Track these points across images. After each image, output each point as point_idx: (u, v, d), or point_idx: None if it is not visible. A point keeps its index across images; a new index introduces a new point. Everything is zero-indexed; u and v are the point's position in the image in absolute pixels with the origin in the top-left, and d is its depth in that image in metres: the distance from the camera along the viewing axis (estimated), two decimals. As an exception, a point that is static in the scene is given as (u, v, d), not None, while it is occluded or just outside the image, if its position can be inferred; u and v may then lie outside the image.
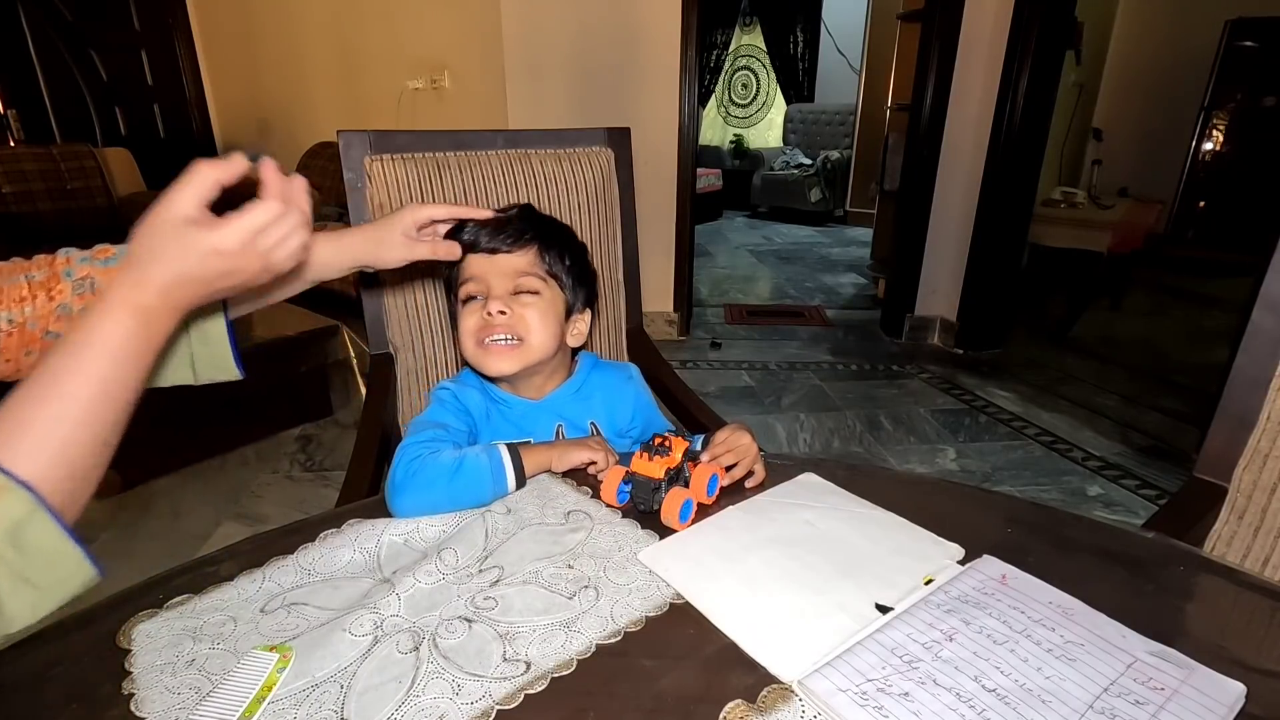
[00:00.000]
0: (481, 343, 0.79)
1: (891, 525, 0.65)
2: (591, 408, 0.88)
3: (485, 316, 0.78)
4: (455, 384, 0.85)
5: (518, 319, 0.79)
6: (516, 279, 0.79)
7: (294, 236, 0.54)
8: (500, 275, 0.79)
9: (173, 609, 0.55)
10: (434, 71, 3.09)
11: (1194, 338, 3.27)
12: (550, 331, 0.81)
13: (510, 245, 0.80)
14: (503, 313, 0.78)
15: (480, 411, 0.84)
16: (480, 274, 0.80)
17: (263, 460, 2.13)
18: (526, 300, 0.80)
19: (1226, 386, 0.80)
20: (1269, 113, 4.01)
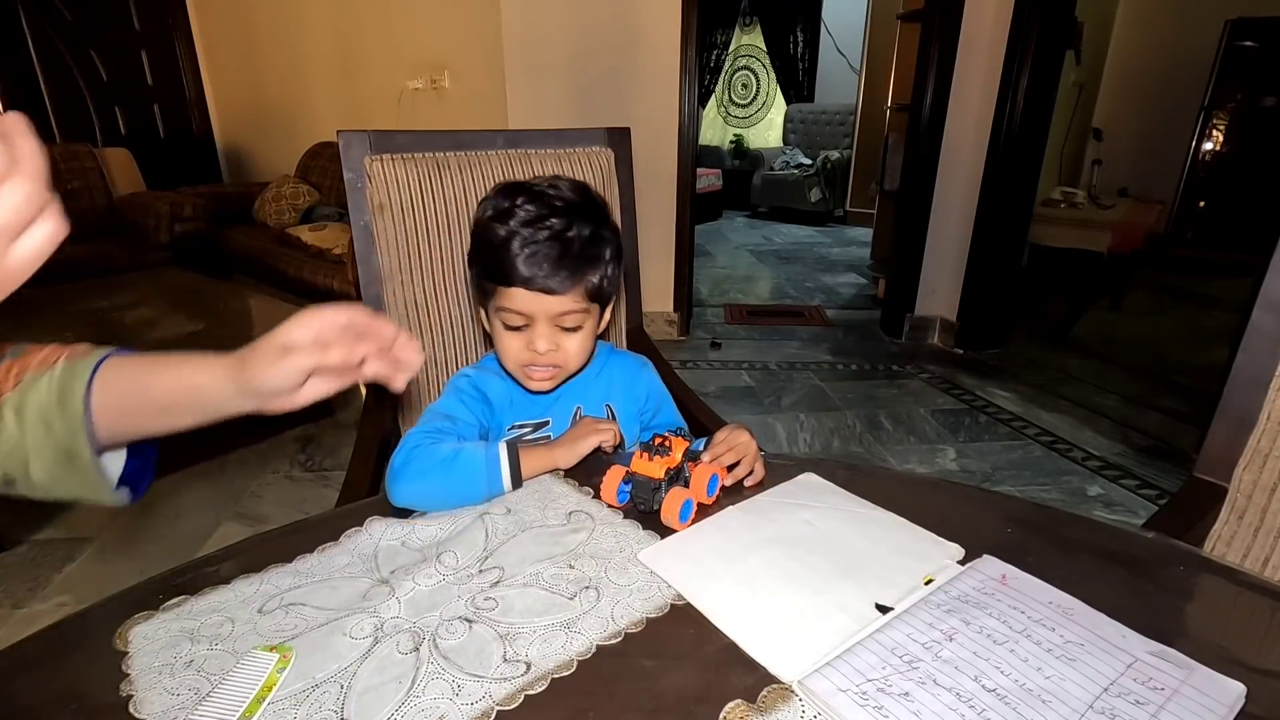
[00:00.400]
0: (523, 369, 0.80)
1: (891, 525, 0.65)
2: (609, 391, 0.90)
3: (530, 351, 0.77)
4: (476, 371, 0.86)
5: (561, 352, 0.78)
6: (562, 316, 0.77)
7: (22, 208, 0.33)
8: (546, 313, 0.76)
9: (169, 610, 0.55)
10: (434, 71, 3.09)
11: (1194, 338, 3.27)
12: (589, 349, 0.82)
13: (563, 287, 0.75)
14: (551, 350, 0.77)
15: (503, 398, 0.84)
16: (525, 310, 0.76)
17: (263, 460, 2.13)
18: (570, 332, 0.78)
19: (1226, 386, 0.80)
20: (1269, 113, 4.01)
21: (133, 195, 3.62)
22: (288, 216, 3.64)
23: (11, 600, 1.55)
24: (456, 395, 0.82)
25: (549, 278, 0.73)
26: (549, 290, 0.74)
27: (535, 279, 0.73)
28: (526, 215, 0.74)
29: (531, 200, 0.75)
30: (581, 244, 0.75)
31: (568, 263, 0.74)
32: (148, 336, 2.20)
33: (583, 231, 0.75)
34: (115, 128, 4.27)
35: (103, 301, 2.53)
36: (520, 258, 0.73)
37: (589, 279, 0.76)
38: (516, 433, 0.86)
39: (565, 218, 0.75)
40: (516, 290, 0.74)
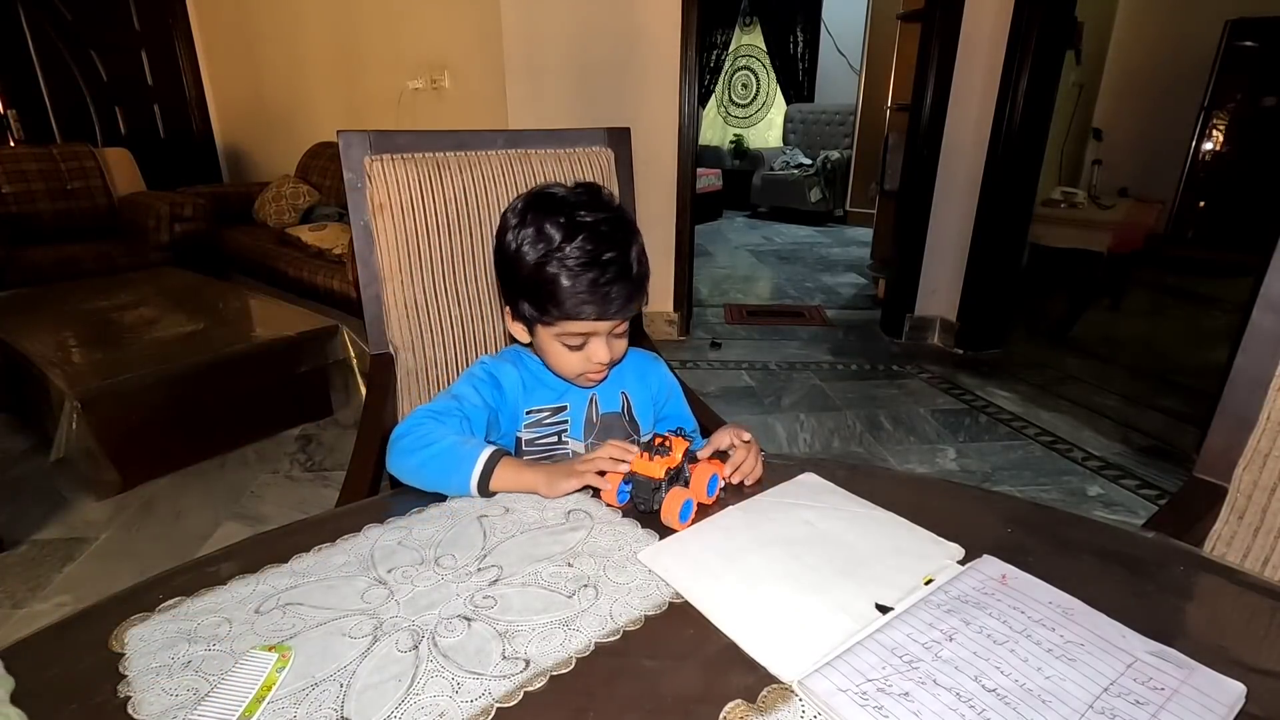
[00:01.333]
0: (580, 376, 0.83)
1: (891, 525, 0.65)
2: (623, 380, 0.91)
3: (588, 362, 0.80)
4: (495, 360, 0.88)
5: (615, 354, 0.82)
6: (617, 327, 0.80)
7: None
8: (605, 329, 0.79)
9: (165, 611, 0.55)
10: (434, 71, 3.09)
11: (1194, 338, 3.27)
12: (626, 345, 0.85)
13: (622, 315, 0.78)
14: (610, 357, 0.81)
15: (517, 385, 0.86)
16: (586, 333, 0.78)
17: (263, 460, 2.13)
18: (621, 338, 0.83)
19: (1226, 386, 0.80)
20: (1269, 113, 4.01)
21: (133, 195, 3.62)
22: (288, 216, 3.64)
23: (11, 600, 1.55)
24: (469, 379, 0.84)
25: (620, 310, 0.77)
26: (613, 316, 0.77)
27: (607, 313, 0.76)
28: (581, 255, 0.73)
29: (574, 232, 0.73)
30: (640, 268, 0.78)
31: (631, 289, 0.77)
32: (147, 336, 2.20)
33: (632, 252, 0.77)
34: (115, 128, 4.27)
35: (103, 301, 2.53)
36: (593, 296, 0.74)
37: (646, 292, 0.81)
38: (534, 417, 0.87)
39: (615, 246, 0.75)
40: (583, 323, 0.77)
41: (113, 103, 4.24)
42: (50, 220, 3.40)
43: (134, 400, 1.93)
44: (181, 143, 4.49)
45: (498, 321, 1.19)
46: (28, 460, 2.11)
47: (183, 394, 2.02)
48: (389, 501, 0.71)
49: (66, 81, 4.04)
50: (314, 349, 2.29)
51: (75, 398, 1.79)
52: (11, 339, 2.14)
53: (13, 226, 3.20)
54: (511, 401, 0.86)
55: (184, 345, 2.14)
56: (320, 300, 2.98)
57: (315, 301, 2.98)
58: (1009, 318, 3.13)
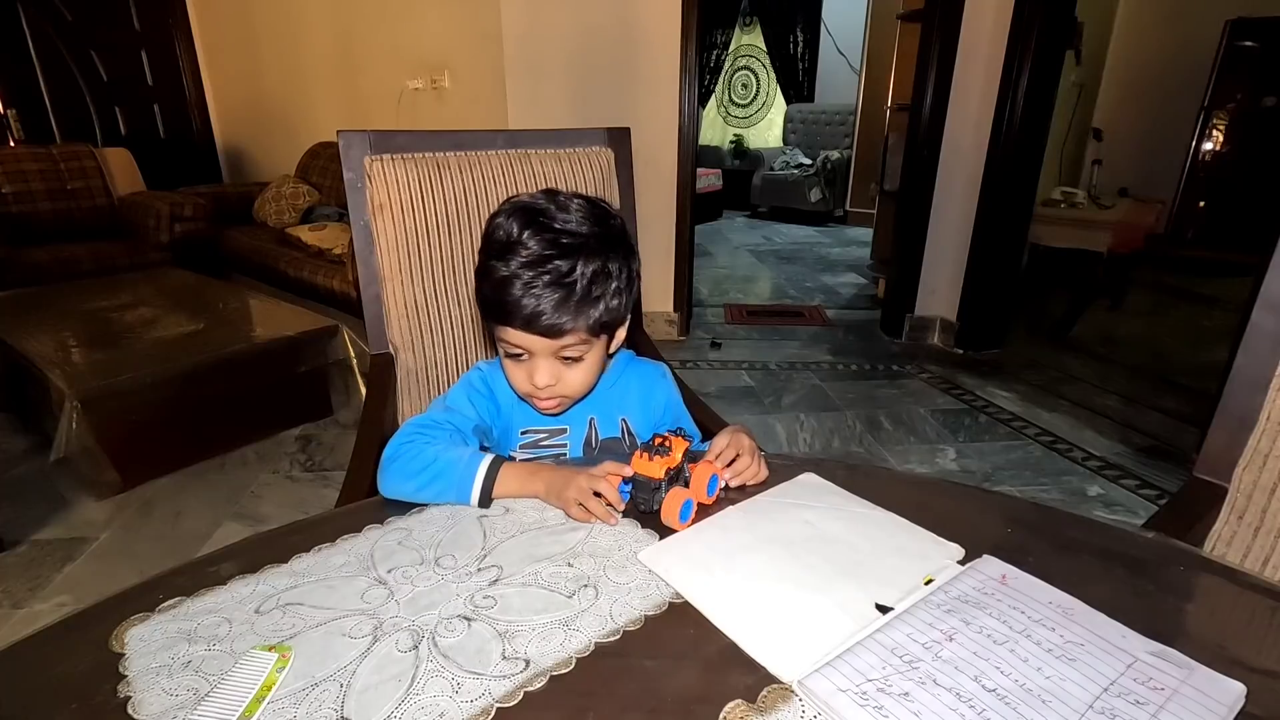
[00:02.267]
0: (527, 396, 0.79)
1: (891, 525, 0.65)
2: (625, 404, 0.88)
3: (529, 382, 0.75)
4: (490, 367, 0.84)
5: (564, 383, 0.76)
6: (562, 350, 0.74)
7: None
8: (546, 349, 0.73)
9: (165, 611, 0.55)
10: (434, 71, 3.09)
11: (1194, 338, 3.27)
12: (596, 375, 0.79)
13: (560, 330, 0.71)
14: (551, 384, 0.75)
15: (510, 399, 0.83)
16: (525, 346, 0.73)
17: (263, 460, 2.13)
18: (574, 363, 0.75)
19: (1226, 386, 0.80)
20: (1269, 113, 4.01)
21: (133, 195, 3.62)
22: (288, 216, 3.64)
23: (11, 600, 1.55)
24: (465, 388, 0.82)
25: (549, 320, 0.70)
26: (548, 332, 0.71)
27: (534, 323, 0.71)
28: (528, 256, 0.70)
29: (537, 234, 0.71)
30: (585, 284, 0.71)
31: (569, 306, 0.70)
32: (147, 336, 2.20)
33: (587, 270, 0.71)
34: (115, 128, 4.27)
35: (103, 301, 2.53)
36: (519, 300, 0.70)
37: (589, 316, 0.72)
38: (531, 438, 0.85)
39: (570, 257, 0.70)
40: (514, 332, 0.72)
41: (113, 103, 4.24)
42: (50, 220, 3.40)
43: (134, 400, 1.93)
44: (181, 143, 4.49)
45: (498, 321, 1.19)
46: (28, 460, 2.11)
47: (183, 394, 2.02)
48: (389, 501, 0.70)
49: (66, 81, 4.04)
50: (314, 349, 2.29)
51: (75, 398, 1.79)
52: (11, 339, 2.14)
53: (13, 226, 3.20)
54: (505, 414, 0.83)
55: (184, 345, 2.14)
56: (320, 300, 2.98)
57: (315, 301, 2.98)
58: (1009, 318, 3.13)
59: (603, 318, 0.73)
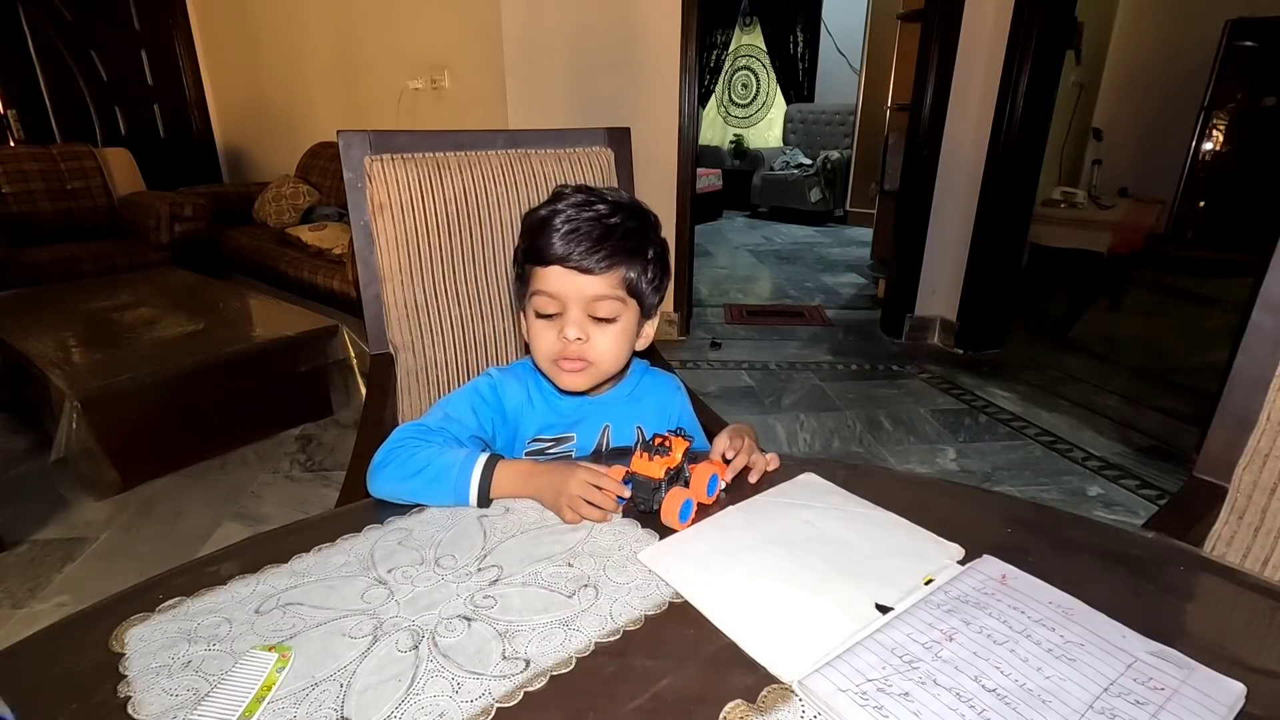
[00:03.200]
0: (554, 363, 0.77)
1: (891, 525, 0.65)
2: (640, 413, 0.87)
3: (561, 339, 0.74)
4: (502, 373, 0.83)
5: (592, 346, 0.75)
6: (596, 303, 0.74)
7: None
8: (580, 297, 0.73)
9: (165, 611, 0.55)
10: (434, 71, 3.09)
11: (1194, 338, 3.27)
12: (623, 351, 0.79)
13: (599, 267, 0.72)
14: (580, 339, 0.74)
15: (523, 407, 0.82)
16: (559, 292, 0.73)
17: (263, 460, 2.13)
18: (604, 324, 0.75)
19: (1226, 386, 0.80)
20: (1269, 113, 4.01)
21: (133, 195, 3.62)
22: (288, 216, 3.64)
23: (11, 600, 1.55)
24: (470, 396, 0.80)
25: (585, 256, 0.71)
26: (584, 269, 0.72)
27: (571, 256, 0.71)
28: (574, 199, 0.74)
29: (584, 191, 0.76)
30: (624, 232, 0.74)
31: (607, 245, 0.72)
32: (147, 336, 2.20)
33: (628, 223, 0.74)
34: (115, 128, 4.27)
35: (103, 301, 2.53)
36: (560, 233, 0.72)
37: (627, 268, 0.74)
38: (536, 446, 0.84)
39: (613, 208, 0.74)
40: (552, 270, 0.72)
41: (113, 103, 4.24)
42: (50, 220, 3.40)
43: (134, 400, 1.93)
44: (181, 143, 4.49)
45: (498, 321, 1.19)
46: (28, 460, 2.11)
47: (182, 394, 2.02)
48: (389, 502, 0.70)
49: (66, 81, 4.04)
50: (314, 349, 2.29)
51: (75, 398, 1.79)
52: (11, 339, 2.14)
53: (13, 226, 3.20)
54: (512, 422, 0.82)
55: (184, 345, 2.14)
56: (320, 300, 2.98)
57: (315, 301, 2.98)
58: (1009, 318, 3.13)
59: (636, 279, 0.75)
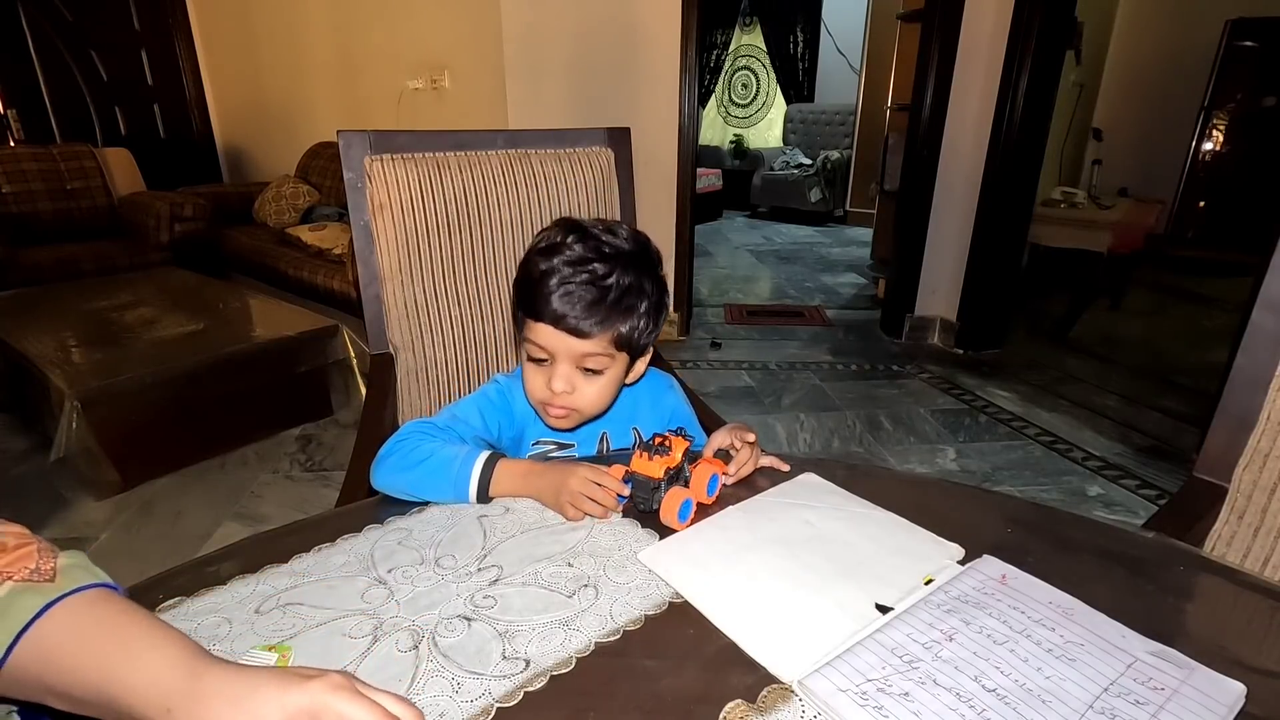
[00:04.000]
0: (542, 407, 0.79)
1: (891, 525, 0.65)
2: (635, 414, 0.88)
3: (547, 388, 0.76)
4: (509, 379, 0.85)
5: (579, 395, 0.76)
6: (584, 359, 0.75)
7: None
8: (570, 354, 0.74)
9: (165, 611, 0.55)
10: (434, 71, 3.09)
11: (1194, 338, 3.27)
12: (609, 396, 0.79)
13: (591, 330, 0.73)
14: (566, 391, 0.75)
15: (526, 411, 0.84)
16: (549, 346, 0.74)
17: (263, 460, 2.13)
18: (592, 375, 0.76)
19: (1226, 386, 0.80)
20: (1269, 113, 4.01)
21: (133, 195, 3.62)
22: (288, 216, 3.64)
23: (11, 600, 1.54)
24: (479, 400, 0.82)
25: (578, 320, 0.72)
26: (576, 332, 0.73)
27: (565, 319, 0.72)
28: (571, 255, 0.73)
29: (581, 240, 0.74)
30: (619, 292, 0.74)
31: (600, 309, 0.73)
32: (147, 336, 2.20)
33: (623, 280, 0.74)
34: (115, 128, 4.27)
35: (103, 301, 2.53)
36: (554, 295, 0.72)
37: (619, 327, 0.74)
38: (540, 449, 0.85)
39: (609, 264, 0.74)
40: (543, 326, 0.74)
41: (113, 103, 4.24)
42: (50, 220, 3.40)
43: (134, 400, 1.93)
44: (181, 143, 4.49)
45: (497, 321, 1.19)
46: (28, 460, 2.11)
47: (183, 394, 2.02)
48: (389, 501, 0.70)
49: (66, 81, 4.04)
50: (314, 349, 2.29)
51: (75, 398, 1.79)
52: (11, 339, 2.14)
53: (13, 226, 3.20)
54: (519, 424, 0.84)
55: (184, 345, 2.14)
56: (320, 300, 2.98)
57: (315, 301, 2.98)
58: (1009, 318, 3.13)
59: (629, 334, 0.75)
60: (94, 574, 0.42)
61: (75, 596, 0.39)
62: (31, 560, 0.40)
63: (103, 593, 0.41)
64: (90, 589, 0.40)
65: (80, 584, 0.40)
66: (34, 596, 0.38)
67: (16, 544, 0.41)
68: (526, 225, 1.17)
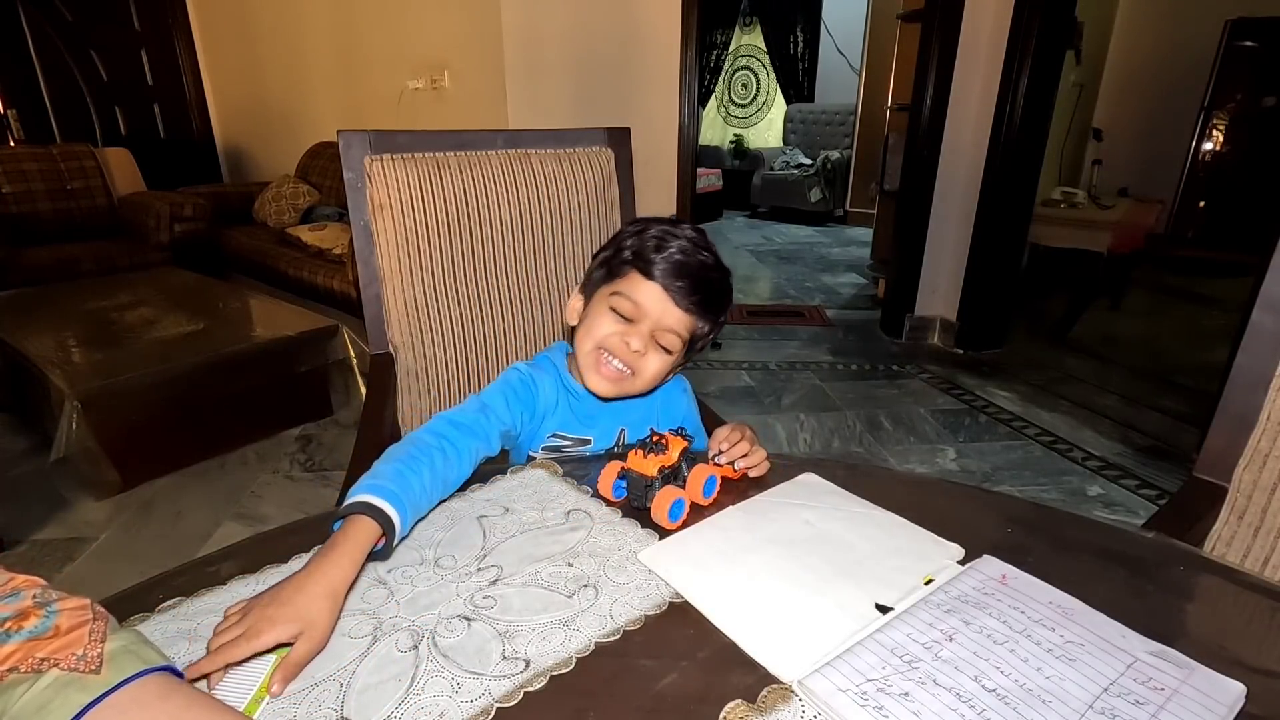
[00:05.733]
0: (600, 355, 0.79)
1: (891, 525, 0.65)
2: (651, 413, 0.90)
3: (621, 340, 0.77)
4: (531, 367, 0.85)
5: (644, 361, 0.78)
6: (666, 332, 0.78)
7: None
8: (657, 321, 0.77)
9: (165, 611, 0.55)
10: (434, 71, 3.09)
11: (1194, 338, 3.27)
12: (657, 382, 0.82)
13: (688, 306, 0.77)
14: (638, 351, 0.77)
15: (549, 401, 0.84)
16: (644, 305, 0.77)
17: (263, 460, 2.13)
18: (660, 351, 0.79)
19: (1226, 386, 0.80)
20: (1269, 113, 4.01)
21: (133, 195, 3.62)
22: (288, 216, 3.64)
23: (11, 600, 1.54)
24: (503, 388, 0.81)
25: (683, 293, 0.76)
26: (677, 302, 0.76)
27: (676, 285, 0.76)
28: (690, 241, 0.78)
29: (698, 234, 0.81)
30: (719, 292, 0.80)
31: (701, 293, 0.77)
32: (147, 336, 2.20)
33: (724, 285, 0.81)
34: (115, 128, 4.27)
35: (103, 301, 2.53)
36: (672, 260, 0.76)
37: (702, 321, 0.79)
38: (553, 443, 0.85)
39: (720, 269, 0.81)
40: (651, 286, 0.76)
41: (113, 103, 4.24)
42: (50, 220, 3.40)
43: (134, 400, 1.93)
44: (181, 143, 4.49)
45: (497, 321, 1.19)
46: (28, 460, 2.11)
47: (183, 394, 2.02)
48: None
49: (66, 81, 4.04)
50: (314, 349, 2.29)
51: (75, 398, 1.79)
52: (11, 339, 2.14)
53: (13, 226, 3.20)
54: (539, 415, 0.84)
55: (184, 345, 2.13)
56: (320, 300, 2.98)
57: (315, 301, 2.98)
58: (1009, 318, 3.13)
59: (702, 333, 0.81)
60: (144, 658, 0.39)
61: (122, 691, 0.37)
62: (80, 645, 0.38)
63: (154, 681, 0.39)
64: (139, 678, 0.38)
65: (127, 675, 0.38)
66: (78, 693, 0.36)
67: (70, 625, 0.39)
68: (526, 225, 1.17)
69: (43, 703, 0.35)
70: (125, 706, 0.37)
